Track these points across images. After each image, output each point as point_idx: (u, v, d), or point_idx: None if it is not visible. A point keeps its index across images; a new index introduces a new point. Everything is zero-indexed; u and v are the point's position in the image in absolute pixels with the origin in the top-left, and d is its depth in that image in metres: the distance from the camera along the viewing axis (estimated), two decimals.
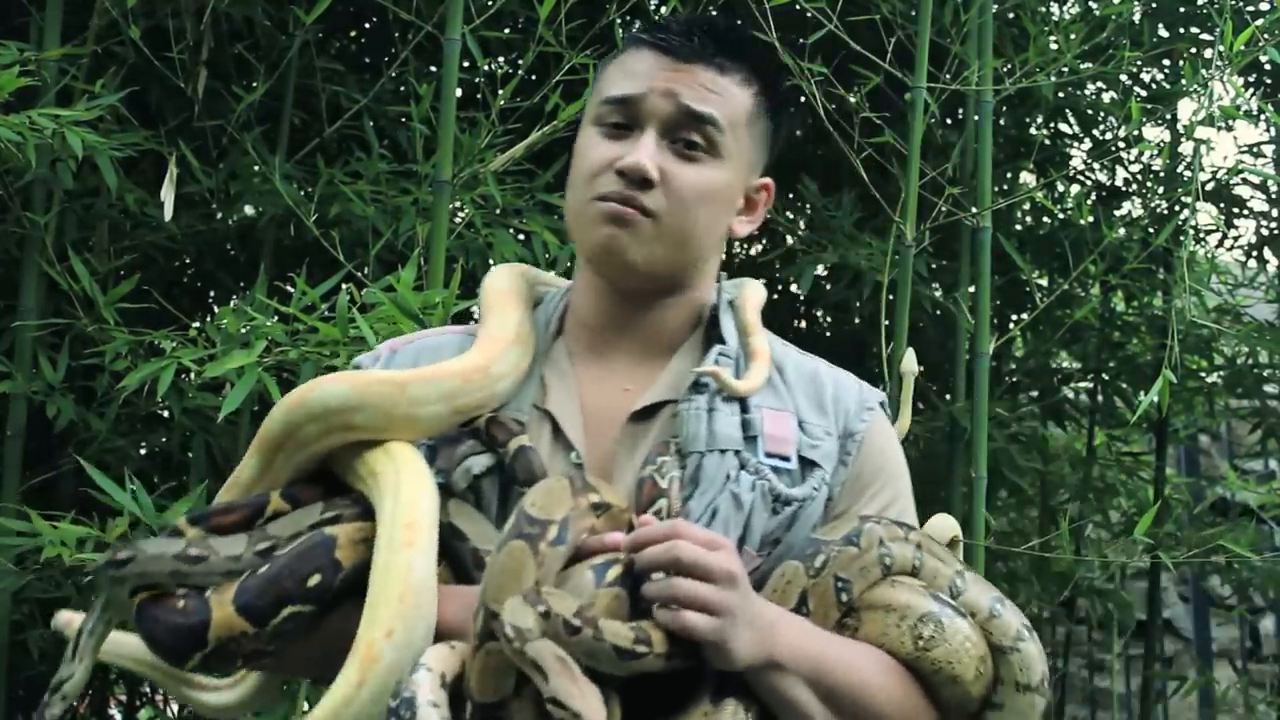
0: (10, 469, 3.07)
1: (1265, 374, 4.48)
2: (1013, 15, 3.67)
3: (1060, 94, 4.03)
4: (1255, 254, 4.57)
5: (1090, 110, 4.31)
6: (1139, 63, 3.79)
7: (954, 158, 3.42)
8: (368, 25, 4.14)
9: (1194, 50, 4.00)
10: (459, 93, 3.19)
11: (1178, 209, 3.91)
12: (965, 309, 3.44)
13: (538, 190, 3.45)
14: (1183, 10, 3.98)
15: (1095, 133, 4.43)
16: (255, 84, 3.37)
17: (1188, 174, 3.70)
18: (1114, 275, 3.89)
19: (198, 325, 2.88)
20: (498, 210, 3.33)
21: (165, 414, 3.49)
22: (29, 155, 2.81)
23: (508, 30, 3.68)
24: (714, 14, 3.66)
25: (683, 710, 1.28)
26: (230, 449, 3.27)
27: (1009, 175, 4.35)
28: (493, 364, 1.45)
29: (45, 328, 3.10)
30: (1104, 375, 4.58)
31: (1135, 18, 3.70)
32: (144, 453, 3.57)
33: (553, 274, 1.69)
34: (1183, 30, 4.01)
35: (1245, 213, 4.50)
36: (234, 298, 3.80)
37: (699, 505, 1.39)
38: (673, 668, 1.24)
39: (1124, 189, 4.52)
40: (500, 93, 3.10)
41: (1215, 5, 3.49)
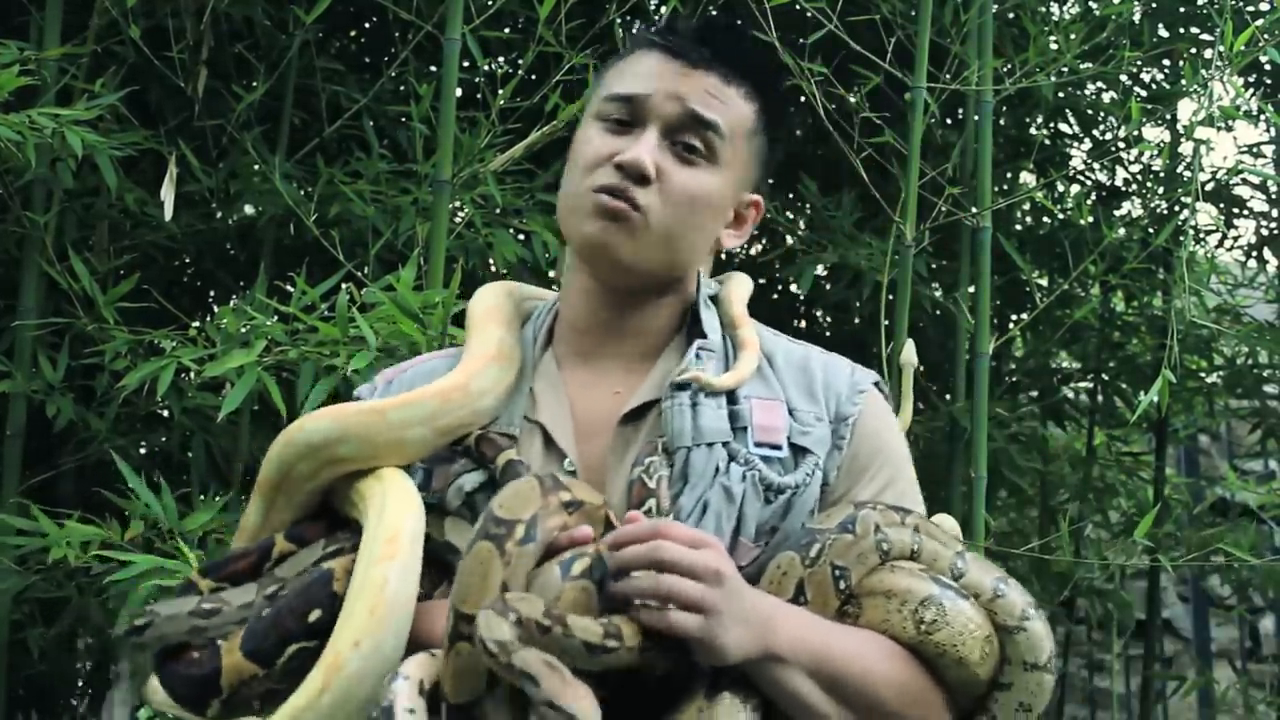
0: (10, 469, 3.07)
1: (1265, 374, 4.48)
2: (1013, 15, 3.67)
3: (1060, 94, 4.03)
4: (1255, 254, 4.57)
5: (1090, 110, 4.31)
6: (1139, 63, 3.79)
7: (954, 158, 3.42)
8: (368, 25, 4.14)
9: (1194, 50, 4.00)
10: (459, 93, 3.19)
11: (1178, 209, 3.91)
12: (965, 309, 3.44)
13: (538, 190, 3.45)
14: (1183, 10, 3.98)
15: (1095, 133, 4.44)
16: (255, 84, 3.37)
17: (1188, 174, 3.70)
18: (1114, 275, 3.89)
19: (198, 325, 2.88)
20: (498, 210, 3.34)
21: (165, 413, 3.49)
22: (29, 155, 2.82)
23: (508, 30, 3.68)
24: (715, 16, 3.66)
25: (677, 706, 1.28)
26: (230, 448, 3.28)
27: (1009, 175, 4.35)
28: (472, 381, 1.47)
29: (45, 327, 3.10)
30: (1104, 375, 4.58)
31: (1135, 18, 3.70)
32: (144, 452, 3.57)
33: (541, 289, 1.70)
34: (1183, 30, 4.01)
35: (1245, 213, 4.51)
36: (234, 297, 3.80)
37: (689, 500, 1.39)
38: (647, 662, 1.23)
39: (1124, 189, 4.53)
40: (500, 93, 3.10)
41: (1215, 5, 3.49)
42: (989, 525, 3.30)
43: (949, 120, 4.04)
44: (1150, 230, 4.01)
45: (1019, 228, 4.39)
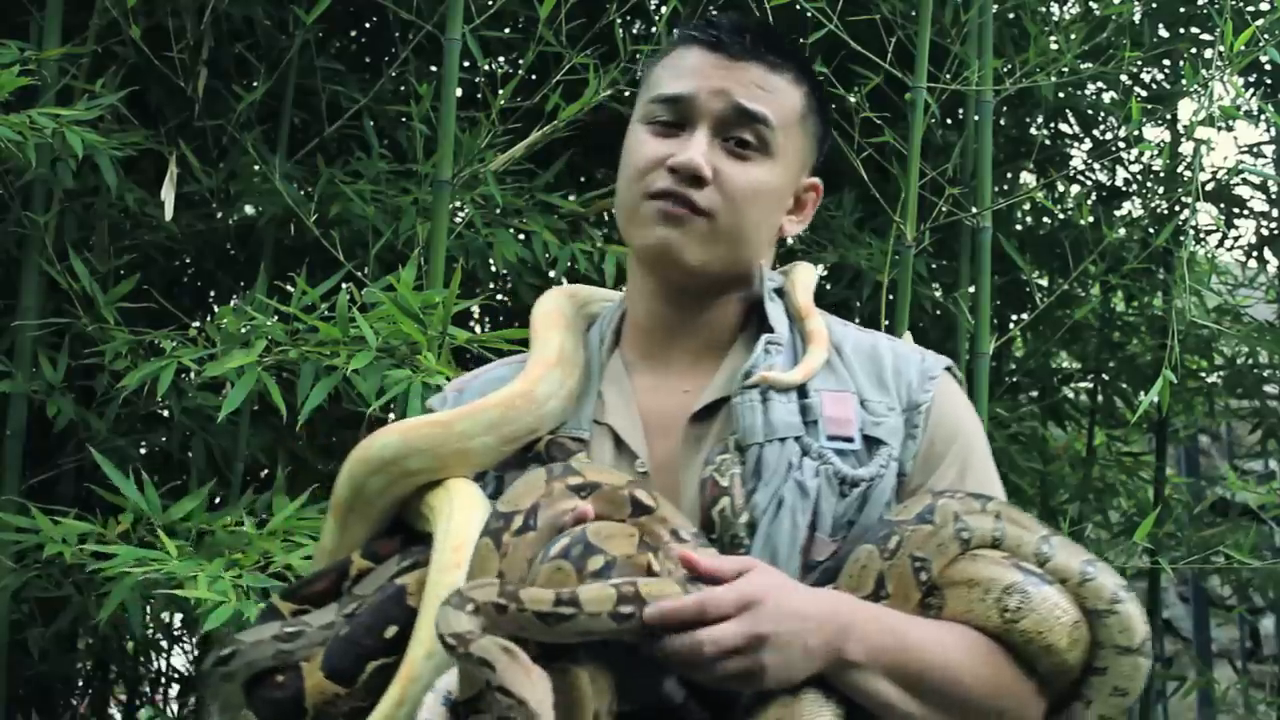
0: (10, 468, 3.07)
1: (1265, 374, 4.48)
2: (1013, 15, 3.66)
3: (1060, 94, 4.02)
4: (1255, 254, 4.57)
5: (1090, 110, 4.31)
6: (1139, 63, 3.79)
7: (954, 158, 3.42)
8: (368, 25, 4.14)
9: (1194, 50, 4.01)
10: (459, 92, 3.19)
11: (1178, 209, 3.91)
12: (965, 309, 3.43)
13: (538, 190, 3.45)
14: (1183, 10, 3.99)
15: (1095, 133, 4.44)
16: (255, 84, 3.37)
17: (1188, 174, 3.70)
18: (1114, 275, 3.89)
19: (198, 325, 2.88)
20: (498, 210, 3.34)
21: (165, 413, 3.49)
22: (29, 155, 2.82)
23: (508, 30, 3.68)
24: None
25: (761, 703, 1.26)
26: (230, 448, 3.28)
27: (1009, 175, 4.35)
28: (535, 388, 1.47)
29: (45, 327, 3.10)
30: (1104, 375, 4.58)
31: (1135, 18, 3.70)
32: (144, 452, 3.57)
33: (607, 290, 1.68)
34: (1183, 30, 4.02)
35: (1245, 213, 4.51)
36: (234, 297, 3.80)
37: (764, 497, 1.38)
38: (630, 627, 1.21)
39: (1124, 189, 4.53)
40: (500, 93, 3.09)
41: (1215, 5, 3.48)
42: None
43: (949, 120, 4.04)
44: (1150, 230, 4.02)
45: (1019, 228, 4.39)
